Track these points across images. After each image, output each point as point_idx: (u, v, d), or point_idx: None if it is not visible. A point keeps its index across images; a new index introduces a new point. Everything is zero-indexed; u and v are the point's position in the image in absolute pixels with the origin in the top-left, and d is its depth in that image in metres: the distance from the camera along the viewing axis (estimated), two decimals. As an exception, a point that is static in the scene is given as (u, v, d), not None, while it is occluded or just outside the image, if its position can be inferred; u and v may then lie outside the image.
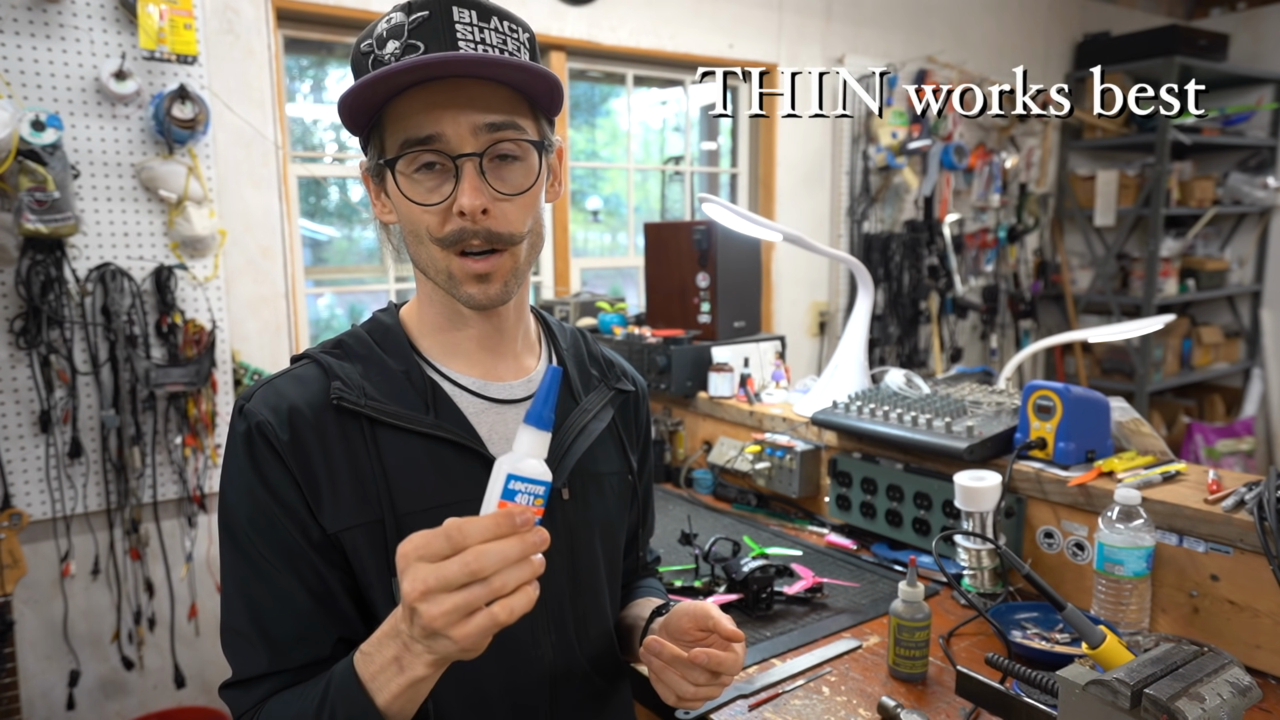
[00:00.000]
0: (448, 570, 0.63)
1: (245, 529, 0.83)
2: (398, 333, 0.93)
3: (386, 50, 0.81)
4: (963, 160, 3.82)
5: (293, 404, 0.85)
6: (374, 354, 0.91)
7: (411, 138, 0.81)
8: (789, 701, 1.16)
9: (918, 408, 1.69)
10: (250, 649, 0.82)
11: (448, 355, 0.93)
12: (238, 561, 0.83)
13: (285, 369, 0.91)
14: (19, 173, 1.98)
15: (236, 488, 0.84)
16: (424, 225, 0.84)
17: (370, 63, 0.83)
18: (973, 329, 4.32)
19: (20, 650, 2.17)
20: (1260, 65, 4.58)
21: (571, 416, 0.97)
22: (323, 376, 0.87)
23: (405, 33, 0.81)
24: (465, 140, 0.81)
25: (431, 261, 0.86)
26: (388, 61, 0.81)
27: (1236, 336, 4.91)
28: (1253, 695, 0.81)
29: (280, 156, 2.48)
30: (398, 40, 0.81)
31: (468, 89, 0.81)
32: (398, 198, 0.85)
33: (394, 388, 0.89)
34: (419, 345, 0.93)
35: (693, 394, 2.20)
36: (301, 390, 0.86)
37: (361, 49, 0.84)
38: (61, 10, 2.08)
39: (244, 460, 0.83)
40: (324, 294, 2.93)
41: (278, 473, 0.83)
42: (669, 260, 2.30)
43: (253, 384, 0.92)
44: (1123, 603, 1.28)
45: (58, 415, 2.17)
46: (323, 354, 0.90)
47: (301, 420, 0.84)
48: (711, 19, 3.28)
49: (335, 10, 2.53)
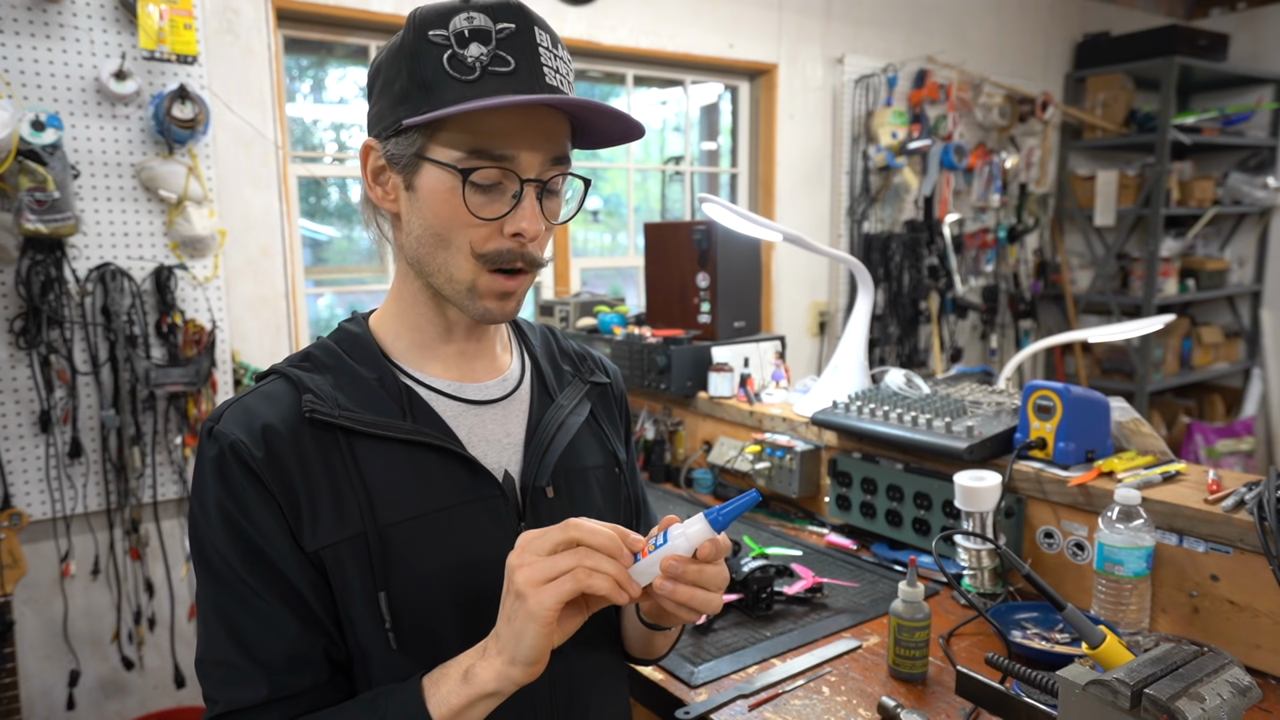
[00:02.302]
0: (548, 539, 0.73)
1: (223, 556, 0.80)
2: (367, 341, 0.91)
3: (470, 52, 0.79)
4: (963, 160, 3.82)
5: (266, 421, 0.82)
6: (344, 364, 0.88)
7: (490, 151, 0.80)
8: (789, 701, 1.16)
9: (918, 408, 1.69)
10: (242, 679, 0.79)
11: (423, 360, 0.91)
12: (217, 591, 0.80)
13: (252, 387, 0.87)
14: (19, 173, 1.98)
15: (210, 514, 0.80)
16: (468, 237, 0.83)
17: (448, 59, 0.79)
18: (973, 329, 4.32)
19: (20, 650, 2.17)
20: (1260, 65, 4.58)
21: (549, 413, 0.96)
22: (292, 391, 0.85)
23: (493, 41, 0.79)
24: (534, 168, 0.82)
25: (454, 271, 0.84)
26: (471, 64, 0.79)
27: (1236, 336, 4.91)
28: (1253, 695, 0.81)
29: (280, 156, 2.48)
30: (483, 46, 0.79)
31: (548, 119, 0.82)
32: (444, 201, 0.82)
33: (367, 396, 0.86)
34: (390, 352, 0.91)
35: (693, 394, 2.20)
36: (272, 407, 0.83)
37: (429, 38, 0.80)
38: (61, 10, 2.08)
39: (216, 485, 0.80)
40: (324, 294, 2.93)
41: (254, 494, 0.79)
42: (669, 260, 2.30)
43: (220, 405, 0.88)
44: (1123, 603, 1.28)
45: (58, 415, 2.17)
46: (290, 368, 0.87)
47: (276, 437, 0.81)
48: (711, 19, 3.28)
49: (335, 10, 2.53)
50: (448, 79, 0.79)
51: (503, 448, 0.92)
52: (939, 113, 3.86)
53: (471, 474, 0.88)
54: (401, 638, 0.83)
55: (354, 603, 0.82)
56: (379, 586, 0.81)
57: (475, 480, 0.88)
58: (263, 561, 0.80)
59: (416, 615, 0.84)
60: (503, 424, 0.93)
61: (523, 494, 0.91)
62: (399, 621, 0.82)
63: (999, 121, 4.12)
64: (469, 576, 0.87)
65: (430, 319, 0.91)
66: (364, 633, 0.83)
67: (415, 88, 0.80)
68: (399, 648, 0.83)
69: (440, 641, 0.85)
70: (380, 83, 0.84)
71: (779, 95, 3.51)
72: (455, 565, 0.86)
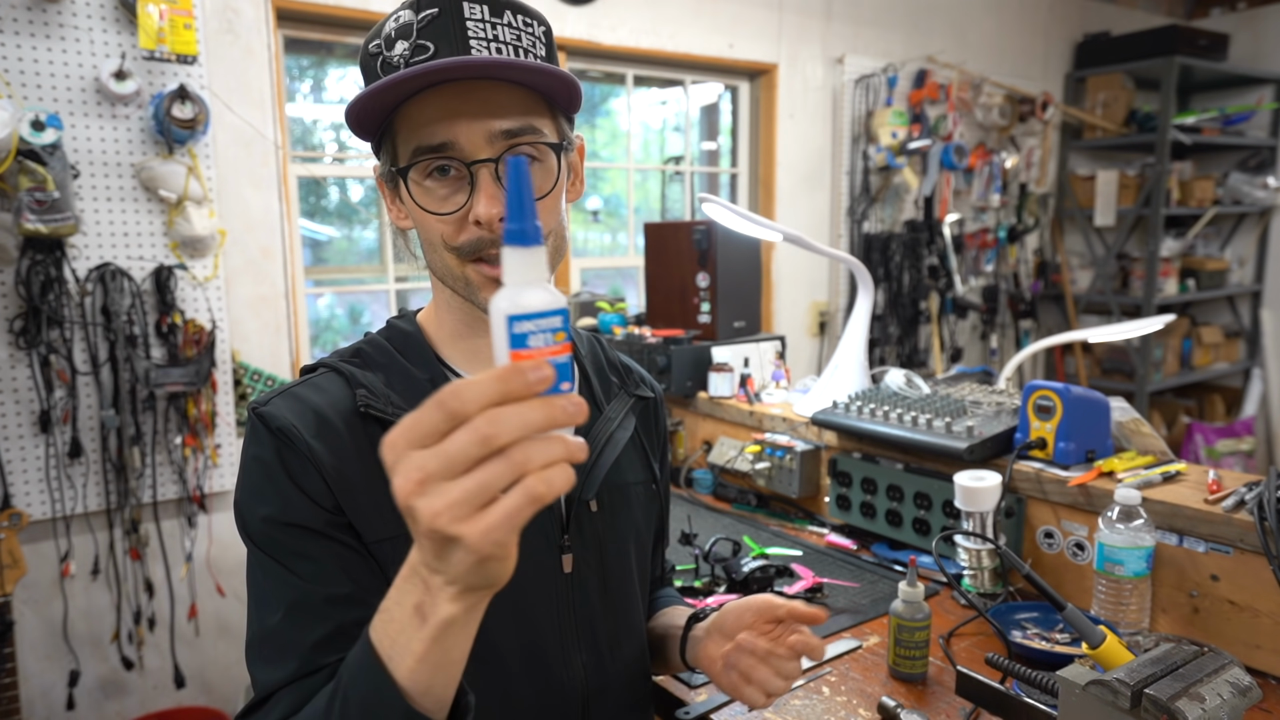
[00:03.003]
0: (450, 447, 0.47)
1: (280, 535, 0.77)
2: (419, 339, 0.89)
3: (395, 52, 0.78)
4: (963, 160, 3.82)
5: (318, 409, 0.80)
6: (396, 362, 0.87)
7: (424, 145, 0.78)
8: (789, 701, 1.16)
9: (918, 408, 1.69)
10: (279, 655, 0.75)
11: (471, 361, 0.90)
12: (272, 567, 0.77)
13: (299, 379, 0.86)
14: (19, 173, 1.98)
15: (266, 496, 0.78)
16: (438, 234, 0.81)
17: (380, 65, 0.79)
18: (973, 329, 4.32)
19: (20, 650, 2.16)
20: (1260, 65, 4.57)
21: (597, 426, 0.94)
22: (344, 385, 0.83)
23: (414, 32, 0.77)
24: (480, 147, 0.78)
25: (448, 269, 0.84)
26: (397, 64, 0.78)
27: (1236, 336, 4.91)
28: (1253, 695, 0.81)
29: (280, 156, 2.48)
30: (406, 41, 0.77)
31: (481, 92, 0.78)
32: (411, 206, 0.82)
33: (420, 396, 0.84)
34: (441, 352, 0.90)
35: (693, 394, 2.20)
36: (324, 397, 0.82)
37: (370, 50, 0.81)
38: (61, 10, 2.08)
39: (275, 466, 0.78)
40: (324, 294, 2.93)
41: (311, 478, 0.78)
42: (669, 260, 2.29)
43: (266, 391, 0.86)
44: (1123, 603, 1.28)
45: (58, 415, 2.17)
46: (342, 362, 0.86)
47: (329, 427, 0.80)
48: (711, 19, 3.28)
49: (335, 10, 2.53)
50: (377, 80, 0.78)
51: None
52: (939, 113, 3.86)
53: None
54: None
55: None
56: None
57: None
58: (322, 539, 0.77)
59: None
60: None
61: (567, 506, 0.90)
62: None
63: (999, 121, 4.12)
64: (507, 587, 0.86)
65: (465, 320, 0.90)
66: None
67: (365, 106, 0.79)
68: None
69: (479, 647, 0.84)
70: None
71: (779, 95, 3.50)
72: None
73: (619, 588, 0.94)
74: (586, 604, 0.91)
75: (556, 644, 0.88)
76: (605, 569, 0.93)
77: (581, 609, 0.90)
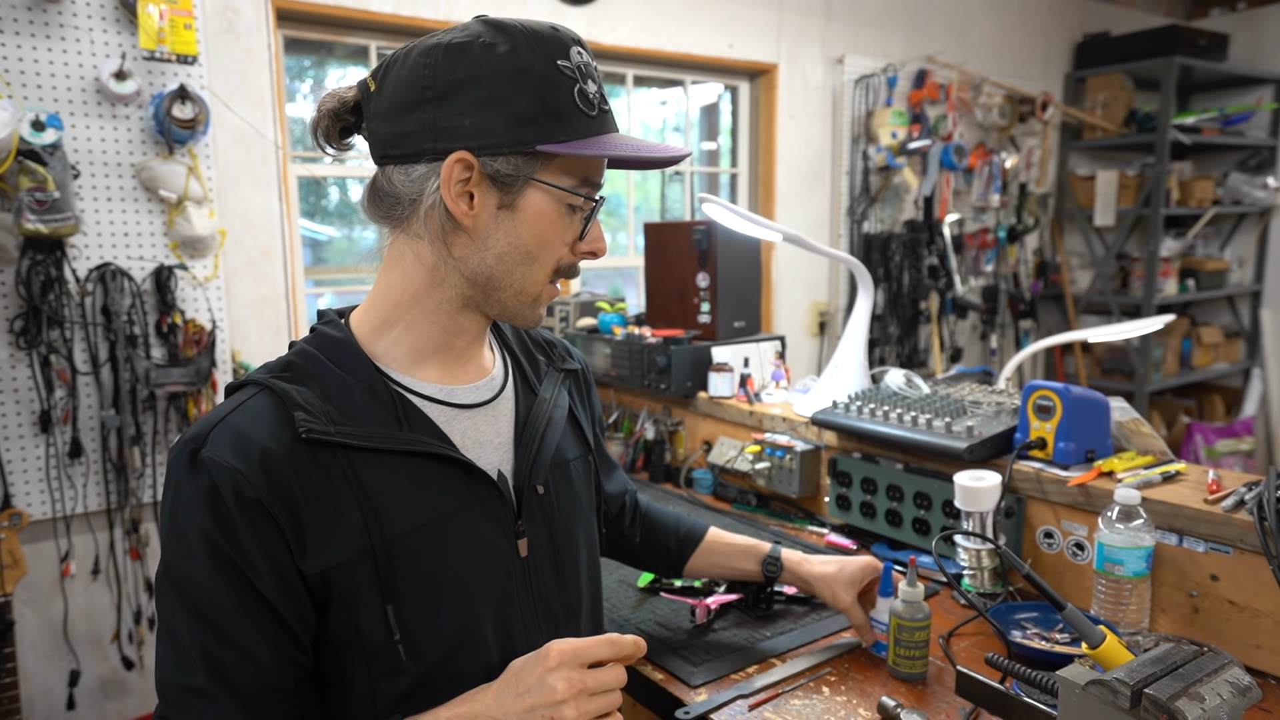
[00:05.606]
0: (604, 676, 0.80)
1: (203, 588, 0.76)
2: (351, 345, 0.87)
3: (589, 88, 0.84)
4: (963, 160, 3.82)
5: (263, 448, 0.77)
6: (329, 371, 0.84)
7: (594, 181, 0.88)
8: (789, 701, 1.16)
9: (918, 408, 1.69)
10: (216, 708, 0.76)
11: (414, 366, 0.89)
12: (194, 622, 0.76)
13: (231, 402, 0.82)
14: (19, 173, 1.98)
15: (192, 544, 0.76)
16: (557, 255, 0.88)
17: (577, 93, 0.83)
18: (973, 329, 4.32)
19: (20, 650, 2.17)
20: (1260, 65, 4.58)
21: (535, 409, 0.98)
22: (278, 406, 0.80)
23: (599, 81, 0.87)
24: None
25: (527, 285, 0.88)
26: (592, 99, 0.84)
27: (1236, 336, 4.91)
28: (1253, 695, 0.81)
29: (280, 156, 2.48)
30: (595, 83, 0.86)
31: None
32: (549, 222, 0.86)
33: (359, 406, 0.83)
34: (376, 356, 0.88)
35: (693, 394, 2.20)
36: (262, 427, 0.78)
37: (561, 69, 0.82)
38: (61, 10, 2.08)
39: (204, 514, 0.75)
40: (324, 294, 2.93)
41: (247, 526, 0.76)
42: (669, 260, 2.29)
43: (200, 424, 0.81)
44: (1123, 603, 1.28)
45: (58, 415, 2.17)
46: (272, 379, 0.82)
47: (274, 463, 0.77)
48: (711, 19, 3.28)
49: (335, 10, 2.53)
50: (577, 111, 0.82)
51: (494, 448, 0.93)
52: (939, 113, 3.86)
53: (469, 478, 0.88)
54: (409, 647, 0.83)
55: (363, 616, 0.81)
56: (386, 600, 0.81)
57: (472, 484, 0.89)
58: (248, 594, 0.77)
59: (423, 624, 0.84)
60: (493, 424, 0.94)
61: (517, 493, 0.93)
62: (406, 631, 0.82)
63: (999, 121, 4.12)
64: (471, 581, 0.88)
65: (444, 326, 0.89)
66: (372, 645, 0.82)
67: (545, 114, 0.81)
68: (408, 658, 0.83)
69: (447, 650, 0.86)
70: (480, 94, 0.80)
71: (779, 95, 3.51)
72: (458, 571, 0.86)
73: (569, 562, 0.99)
74: (542, 583, 0.94)
75: (520, 626, 0.91)
76: (555, 547, 0.97)
77: (539, 589, 0.94)
